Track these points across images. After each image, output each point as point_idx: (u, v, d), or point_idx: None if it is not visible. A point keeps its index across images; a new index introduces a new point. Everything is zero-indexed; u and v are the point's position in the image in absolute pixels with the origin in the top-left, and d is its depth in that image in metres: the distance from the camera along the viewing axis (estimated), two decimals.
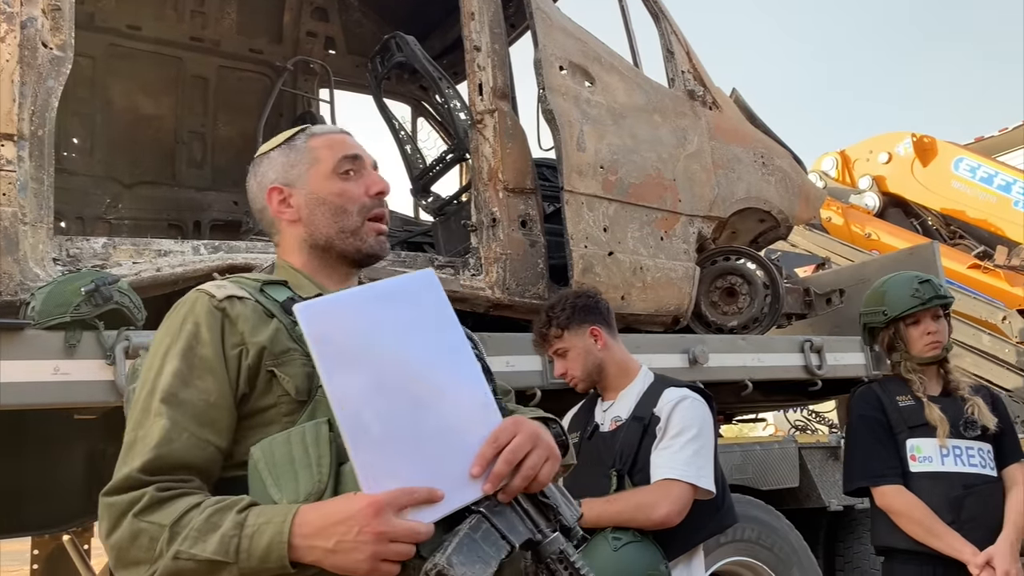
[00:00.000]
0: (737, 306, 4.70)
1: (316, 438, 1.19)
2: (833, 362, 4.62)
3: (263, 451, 1.20)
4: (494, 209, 3.84)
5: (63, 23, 2.97)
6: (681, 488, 2.33)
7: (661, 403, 2.48)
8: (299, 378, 1.26)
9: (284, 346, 1.29)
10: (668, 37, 4.72)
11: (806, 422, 6.97)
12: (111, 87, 5.43)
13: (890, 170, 10.01)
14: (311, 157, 1.46)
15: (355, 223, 1.44)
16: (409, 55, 4.50)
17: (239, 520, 1.11)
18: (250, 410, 1.27)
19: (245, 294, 1.34)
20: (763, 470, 4.13)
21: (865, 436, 2.68)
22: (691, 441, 2.39)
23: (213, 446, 1.23)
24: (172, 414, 1.21)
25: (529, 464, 1.19)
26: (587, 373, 2.60)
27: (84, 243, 3.09)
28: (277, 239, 1.51)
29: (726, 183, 4.63)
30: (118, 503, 1.16)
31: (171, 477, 1.18)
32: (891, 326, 2.76)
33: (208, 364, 1.26)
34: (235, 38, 5.80)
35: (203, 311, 1.29)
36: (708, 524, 2.48)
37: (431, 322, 1.24)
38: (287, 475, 1.17)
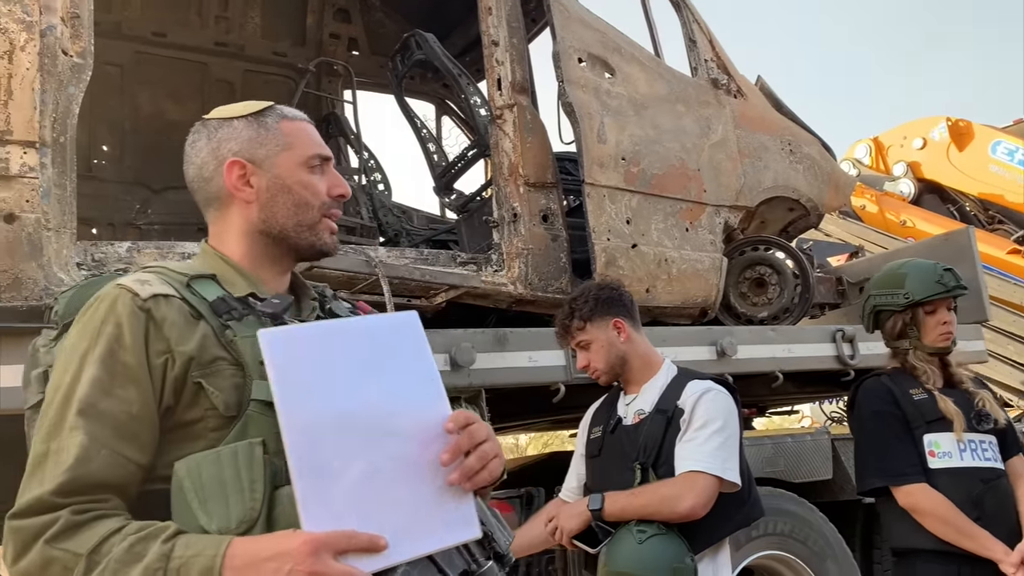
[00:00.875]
0: (767, 297, 4.63)
1: (249, 460, 1.11)
2: (866, 351, 4.53)
3: (189, 470, 1.11)
4: (515, 204, 3.83)
5: (82, 30, 3.00)
6: (706, 480, 2.29)
7: (685, 395, 2.44)
8: (228, 391, 1.17)
9: (212, 355, 1.19)
10: (690, 25, 4.66)
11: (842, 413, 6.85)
12: (138, 94, 5.49)
13: (925, 156, 9.84)
14: (283, 141, 1.37)
15: (314, 218, 1.36)
16: (429, 53, 4.49)
17: (164, 551, 1.04)
18: (174, 423, 1.17)
19: (171, 291, 1.22)
20: (795, 462, 4.07)
21: (881, 432, 2.57)
22: (716, 433, 2.36)
23: (134, 463, 1.13)
24: (90, 428, 1.11)
25: (486, 447, 1.17)
26: (610, 366, 2.56)
27: (108, 247, 3.13)
28: (214, 216, 1.38)
29: (753, 172, 4.57)
30: (27, 528, 1.06)
31: (87, 497, 1.08)
32: (908, 311, 2.66)
33: (131, 372, 1.15)
34: (259, 42, 5.84)
35: (125, 312, 1.18)
36: (734, 517, 2.44)
37: (404, 366, 1.17)
38: (216, 499, 1.09)
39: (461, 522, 1.13)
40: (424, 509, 1.11)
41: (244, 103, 1.44)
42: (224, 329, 1.21)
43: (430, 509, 1.11)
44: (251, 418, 1.15)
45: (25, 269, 2.70)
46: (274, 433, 1.10)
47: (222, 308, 1.23)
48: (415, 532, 1.09)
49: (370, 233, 4.78)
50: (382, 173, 5.39)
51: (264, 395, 1.14)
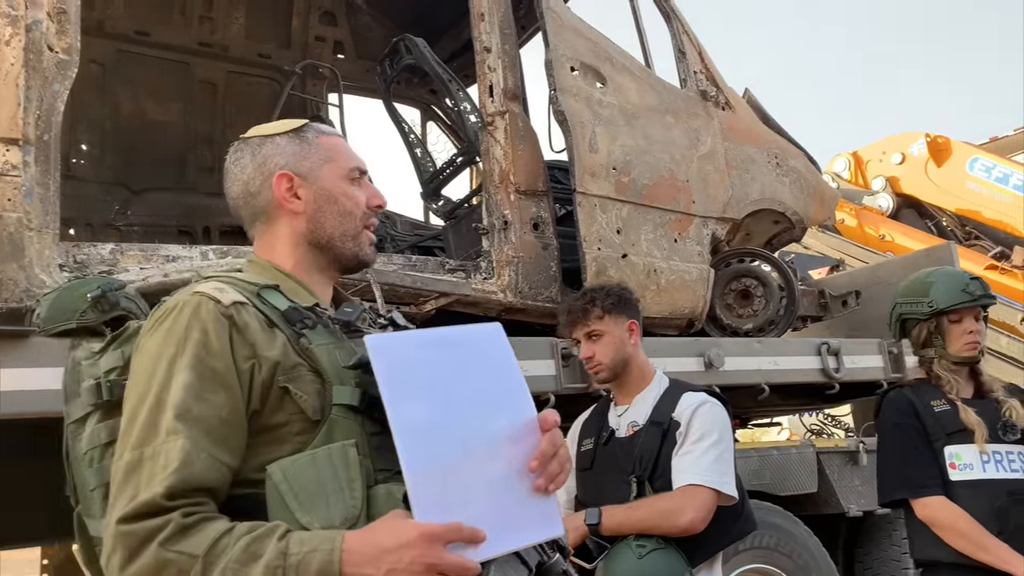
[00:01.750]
0: (752, 309, 4.63)
1: (345, 461, 1.15)
2: (851, 365, 4.56)
3: (285, 473, 1.14)
4: (506, 212, 3.80)
5: (69, 26, 2.94)
6: (705, 494, 2.28)
7: (680, 408, 2.42)
8: (312, 396, 1.21)
9: (293, 361, 1.23)
10: (680, 37, 4.66)
11: (822, 426, 6.88)
12: (120, 93, 5.41)
13: (904, 171, 9.92)
14: (325, 154, 1.42)
15: (356, 227, 1.41)
16: (418, 57, 4.45)
17: (281, 548, 1.06)
18: (260, 427, 1.21)
19: (245, 300, 1.26)
20: (781, 475, 4.06)
21: (901, 444, 2.55)
22: (713, 446, 2.34)
23: (226, 467, 1.16)
24: (190, 432, 1.13)
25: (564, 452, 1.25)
26: (614, 363, 2.54)
27: (91, 249, 3.06)
28: (262, 230, 1.42)
29: (740, 184, 4.57)
30: (137, 531, 1.08)
31: (191, 500, 1.11)
32: (933, 319, 2.64)
33: (220, 378, 1.18)
34: (243, 43, 5.78)
35: (210, 318, 1.21)
36: (730, 531, 2.42)
37: (494, 373, 1.25)
38: (316, 499, 1.12)
39: (547, 520, 1.21)
40: (516, 507, 1.18)
41: (279, 122, 1.49)
42: (299, 338, 1.25)
43: (521, 507, 1.18)
44: (335, 422, 1.20)
45: (5, 270, 2.63)
46: (359, 436, 1.19)
47: (295, 317, 1.27)
48: (509, 528, 1.15)
49: None
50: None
51: (347, 399, 1.20)
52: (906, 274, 5.38)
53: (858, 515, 4.31)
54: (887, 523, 4.56)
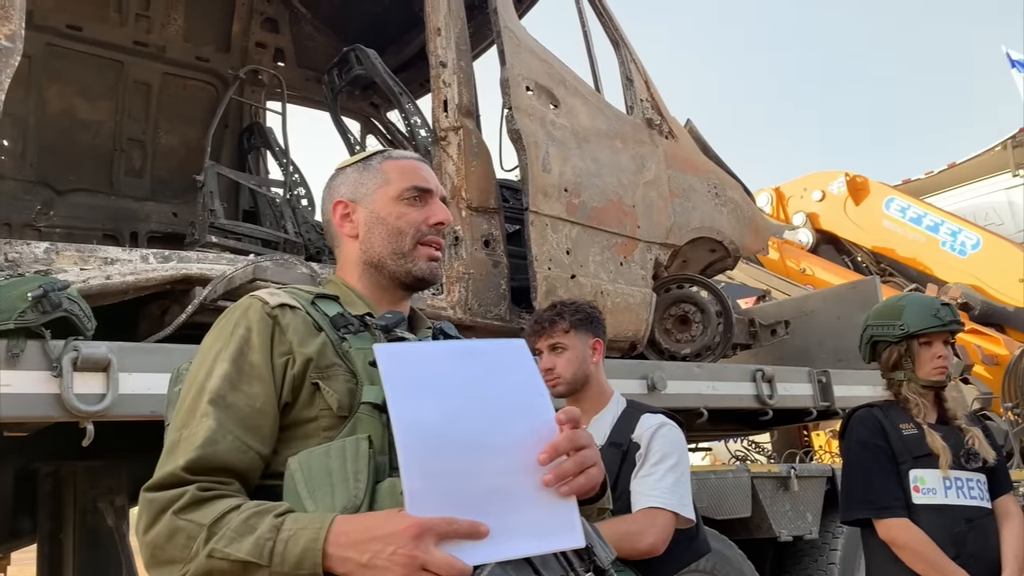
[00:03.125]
0: (690, 334, 4.70)
1: (356, 453, 1.19)
2: (783, 392, 4.66)
3: (300, 463, 1.20)
4: (457, 228, 3.77)
5: (13, 12, 2.79)
6: (666, 517, 2.27)
7: (639, 429, 2.42)
8: (342, 393, 1.26)
9: (330, 360, 1.29)
10: (628, 65, 4.74)
11: (746, 452, 7.02)
12: (47, 88, 5.17)
13: (823, 207, 10.28)
14: (382, 178, 1.48)
15: (408, 246, 1.44)
16: (369, 68, 4.40)
17: (276, 524, 1.11)
18: (291, 421, 1.27)
19: (297, 304, 1.35)
20: (718, 499, 4.10)
21: (867, 464, 2.61)
22: (672, 469, 2.34)
23: (255, 451, 1.23)
24: (219, 416, 1.22)
25: (584, 453, 1.17)
26: (574, 378, 2.51)
27: (24, 247, 2.90)
28: (337, 253, 1.53)
29: (682, 211, 4.65)
30: (159, 499, 1.16)
31: (212, 478, 1.18)
32: (904, 342, 2.71)
33: (256, 370, 1.27)
34: (181, 45, 5.60)
35: (255, 317, 1.31)
36: (685, 553, 2.42)
37: (513, 383, 1.21)
38: (323, 488, 1.16)
39: (563, 528, 1.14)
40: (527, 512, 1.12)
41: (363, 152, 1.60)
42: (342, 341, 1.31)
43: (533, 512, 1.13)
44: (360, 419, 1.24)
45: None
46: (381, 433, 1.21)
47: (340, 322, 1.34)
48: (520, 533, 1.10)
49: (295, 249, 4.62)
50: (307, 188, 5.22)
51: (373, 398, 1.24)
52: (831, 307, 5.66)
53: (788, 540, 4.39)
54: (814, 548, 4.66)
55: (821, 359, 5.32)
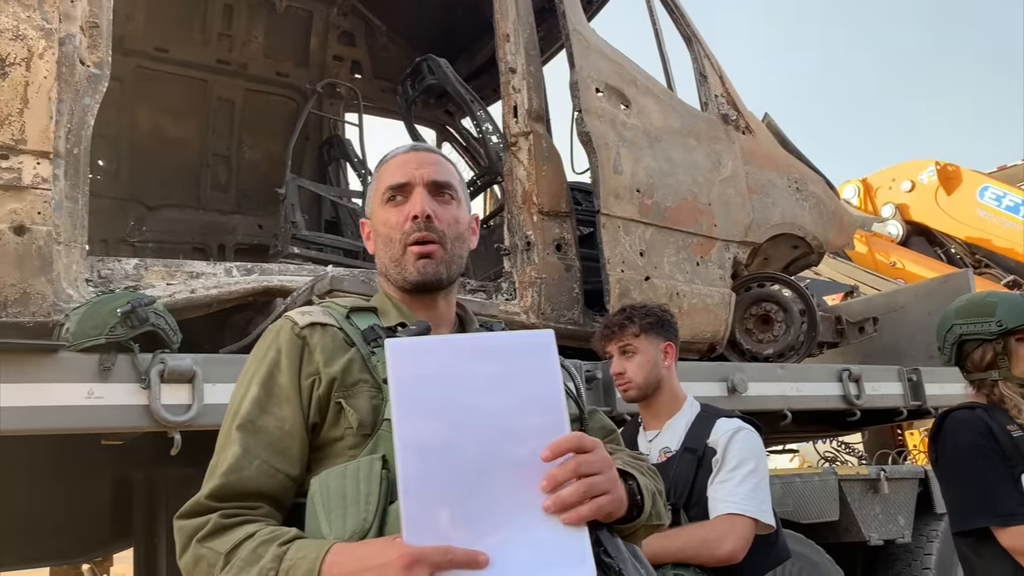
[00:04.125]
0: (772, 334, 4.60)
1: (368, 474, 1.17)
2: (871, 392, 4.51)
3: (320, 484, 1.19)
4: (528, 232, 3.77)
5: (101, 40, 2.93)
6: (745, 523, 2.23)
7: (715, 435, 2.38)
8: (364, 411, 1.24)
9: (355, 377, 1.27)
10: (701, 61, 4.67)
11: (835, 453, 6.83)
12: (138, 109, 5.41)
13: (913, 198, 9.94)
14: (375, 187, 1.45)
15: (397, 252, 1.36)
16: (441, 78, 4.45)
17: (279, 553, 1.10)
18: (320, 441, 1.26)
19: (331, 321, 1.33)
20: (803, 503, 4.00)
21: (983, 469, 2.42)
22: (751, 475, 2.30)
23: (283, 474, 1.22)
24: (246, 441, 1.22)
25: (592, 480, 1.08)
26: (645, 383, 2.49)
27: (115, 264, 3.03)
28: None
29: (761, 208, 4.56)
30: (186, 527, 1.17)
31: (239, 504, 1.18)
32: (1000, 340, 2.58)
33: (284, 392, 1.26)
34: (262, 61, 5.78)
35: (285, 339, 1.30)
36: (766, 559, 2.37)
37: (528, 387, 1.12)
38: (337, 510, 1.15)
39: (571, 560, 1.05)
40: (533, 540, 1.04)
41: None
42: (372, 355, 1.29)
43: (540, 540, 1.04)
44: (382, 436, 1.21)
45: (34, 284, 2.60)
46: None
47: (370, 336, 1.31)
48: (520, 562, 1.02)
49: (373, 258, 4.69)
50: None
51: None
52: (922, 302, 5.46)
53: (879, 544, 4.25)
54: (907, 552, 4.50)
55: (912, 356, 5.14)
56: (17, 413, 2.33)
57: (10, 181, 2.58)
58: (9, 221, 2.57)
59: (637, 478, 1.28)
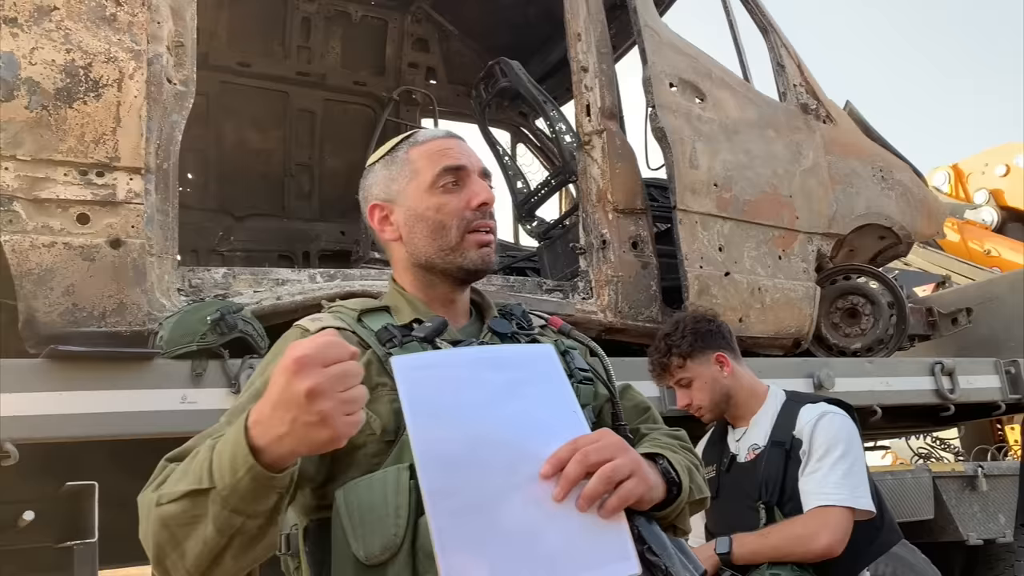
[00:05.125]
0: (860, 327, 4.48)
1: (396, 486, 1.10)
2: (966, 385, 4.35)
3: (346, 496, 1.12)
4: (604, 231, 3.76)
5: (186, 59, 3.05)
6: (839, 514, 2.17)
7: (800, 424, 2.32)
8: (386, 416, 1.17)
9: (374, 381, 1.19)
10: (778, 50, 4.58)
11: (930, 450, 6.59)
12: (223, 123, 5.60)
13: (1008, 183, 9.53)
14: (410, 169, 1.35)
15: (454, 239, 1.31)
16: (514, 79, 4.48)
17: (211, 445, 1.03)
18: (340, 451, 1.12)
19: (342, 324, 1.26)
20: (895, 501, 3.88)
21: None
22: (840, 460, 2.23)
23: None
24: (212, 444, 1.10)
25: (610, 467, 1.05)
26: (714, 403, 2.43)
27: (205, 273, 3.15)
28: (388, 255, 1.43)
29: (844, 199, 4.44)
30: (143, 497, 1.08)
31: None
32: None
33: None
34: (339, 71, 5.92)
35: None
36: (871, 546, 2.29)
37: (540, 395, 1.12)
38: (365, 525, 1.08)
39: (614, 556, 1.03)
40: (570, 542, 1.02)
41: (388, 142, 1.44)
42: (388, 356, 1.19)
43: (577, 541, 1.02)
44: (406, 443, 1.11)
45: (130, 294, 2.72)
46: None
47: (385, 336, 1.25)
48: (561, 566, 1.00)
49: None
50: None
51: None
52: (1020, 290, 5.23)
53: (978, 543, 4.09)
54: (1009, 552, 4.32)
55: (1010, 348, 4.93)
56: (117, 418, 2.45)
57: (106, 197, 2.71)
58: (105, 235, 2.70)
59: (667, 455, 1.24)
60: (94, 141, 2.72)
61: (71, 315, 2.64)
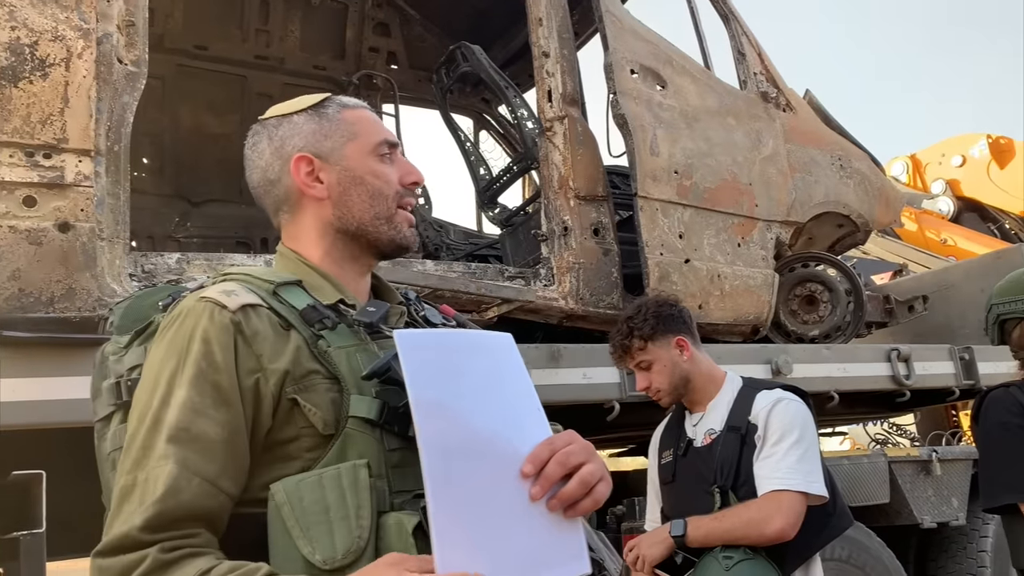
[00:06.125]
0: (818, 314, 4.53)
1: (354, 483, 1.02)
2: (921, 372, 4.43)
3: (288, 495, 1.02)
4: (565, 217, 3.75)
5: (137, 39, 2.97)
6: (792, 498, 2.18)
7: (755, 409, 2.33)
8: (325, 408, 1.08)
9: (305, 368, 1.10)
10: (739, 39, 4.59)
11: (886, 435, 6.69)
12: (179, 107, 5.49)
13: (964, 173, 9.70)
14: (349, 131, 1.27)
15: (390, 209, 1.26)
16: (475, 65, 4.44)
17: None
18: (267, 443, 1.08)
19: (258, 300, 1.13)
20: (852, 486, 3.93)
21: (1010, 446, 2.41)
22: (794, 446, 2.24)
23: (224, 494, 1.03)
24: (181, 456, 1.01)
25: (587, 471, 1.05)
26: (673, 386, 2.45)
27: (158, 259, 3.08)
28: (287, 219, 1.29)
29: (803, 187, 4.48)
30: (112, 567, 0.97)
31: (176, 532, 0.99)
32: None
33: (222, 394, 1.06)
34: (299, 55, 5.82)
35: (214, 328, 1.08)
36: (823, 531, 2.31)
37: (514, 387, 1.13)
38: (320, 526, 1.00)
39: (573, 555, 1.06)
40: (538, 539, 1.03)
41: (301, 97, 1.34)
42: (317, 340, 1.12)
43: (544, 539, 1.04)
44: (349, 436, 1.07)
45: (79, 279, 2.65)
46: (376, 453, 1.06)
47: (313, 317, 1.14)
48: (531, 566, 1.02)
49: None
50: (423, 188, 5.33)
51: (364, 412, 1.07)
52: (974, 279, 5.33)
53: (932, 527, 4.16)
54: (962, 535, 4.41)
55: (964, 335, 5.02)
56: (65, 406, 2.40)
57: (53, 179, 2.64)
58: (53, 219, 2.63)
59: None
60: (41, 122, 2.64)
61: (17, 300, 2.56)
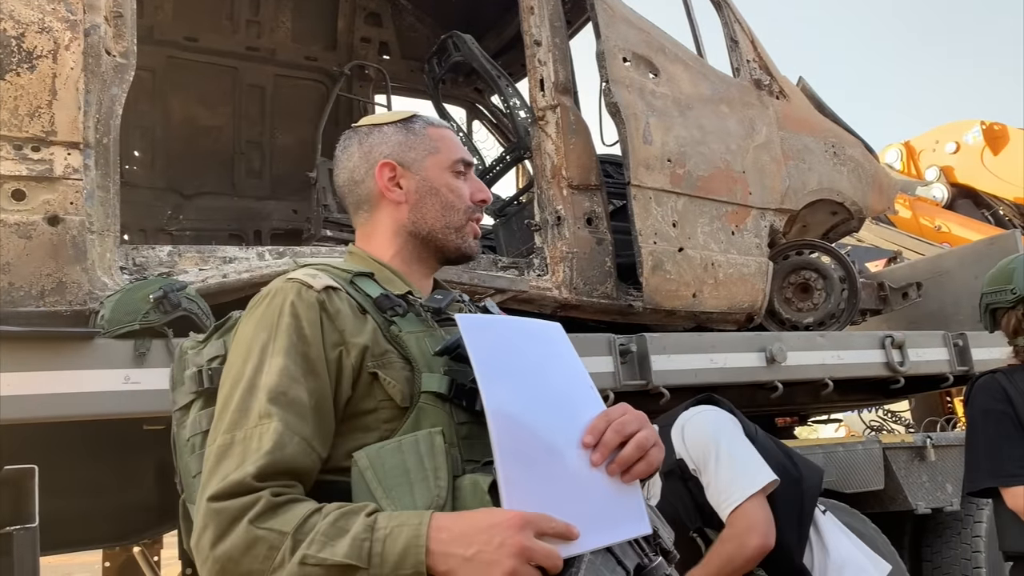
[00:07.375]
0: (812, 302, 4.53)
1: (431, 448, 1.12)
2: (915, 358, 4.42)
3: (371, 460, 1.12)
4: (558, 207, 3.74)
5: (125, 30, 2.95)
6: (751, 507, 2.14)
7: (675, 446, 2.29)
8: (401, 383, 1.19)
9: (383, 347, 1.21)
10: (732, 26, 4.58)
11: (881, 422, 6.71)
12: (170, 99, 5.45)
13: (958, 160, 9.69)
14: (431, 145, 1.43)
15: (460, 221, 1.42)
16: (467, 54, 4.42)
17: (369, 523, 1.04)
18: (348, 414, 1.19)
19: (339, 285, 1.26)
20: (846, 472, 3.93)
21: (991, 431, 2.44)
22: (720, 458, 2.20)
23: (316, 453, 1.15)
24: (284, 416, 1.12)
25: (642, 436, 1.17)
26: None
27: (150, 251, 3.07)
28: (364, 219, 1.44)
29: (797, 174, 4.47)
30: (228, 509, 1.06)
31: (281, 482, 1.09)
32: (1019, 307, 2.54)
33: (311, 364, 1.17)
34: (290, 46, 5.79)
35: (302, 304, 1.20)
36: (803, 501, 2.28)
37: (568, 367, 1.25)
38: (401, 487, 1.10)
39: (634, 517, 1.16)
40: (601, 502, 1.13)
41: (391, 112, 1.52)
42: (389, 325, 1.24)
43: (607, 502, 1.14)
44: (423, 410, 1.18)
45: (69, 273, 2.64)
46: (448, 424, 1.17)
47: (386, 304, 1.26)
48: (597, 524, 1.10)
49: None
50: None
51: (435, 387, 1.19)
52: (968, 265, 5.33)
53: (926, 512, 4.17)
54: (956, 520, 4.42)
55: (958, 321, 5.03)
56: (57, 400, 2.38)
57: (42, 172, 2.62)
58: (43, 212, 2.61)
59: None
60: (28, 115, 2.62)
61: (7, 294, 2.55)
